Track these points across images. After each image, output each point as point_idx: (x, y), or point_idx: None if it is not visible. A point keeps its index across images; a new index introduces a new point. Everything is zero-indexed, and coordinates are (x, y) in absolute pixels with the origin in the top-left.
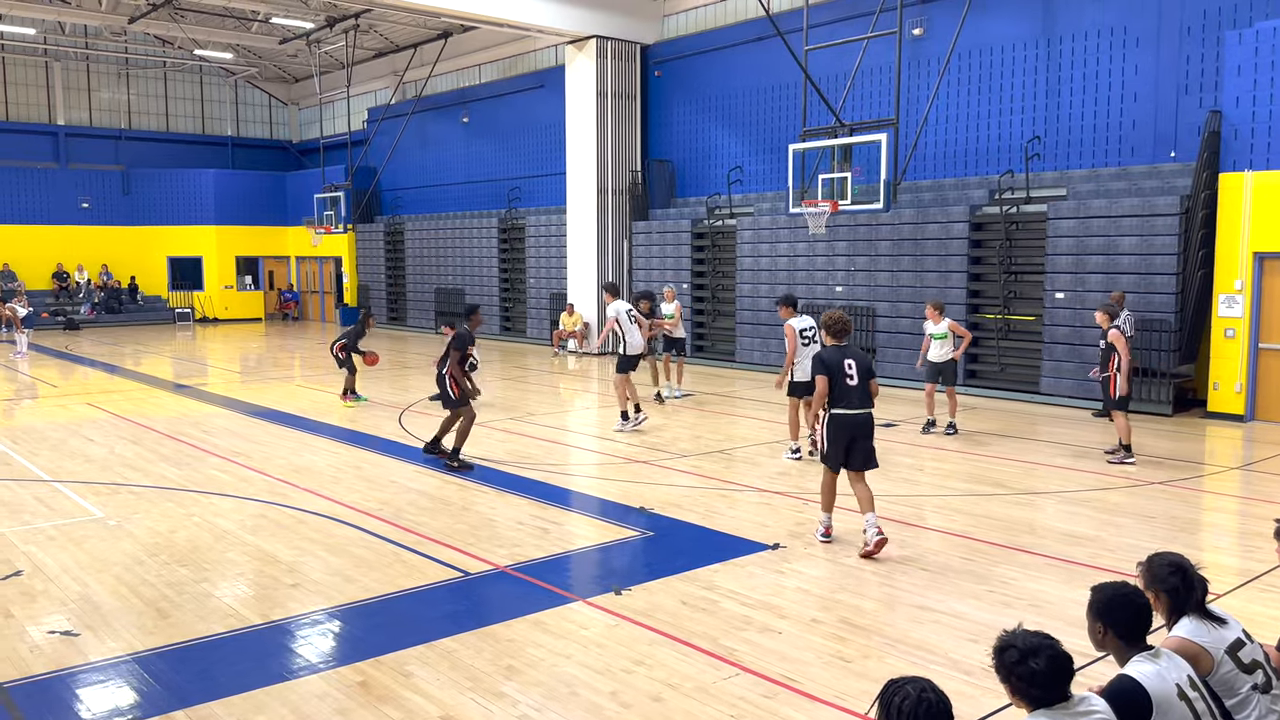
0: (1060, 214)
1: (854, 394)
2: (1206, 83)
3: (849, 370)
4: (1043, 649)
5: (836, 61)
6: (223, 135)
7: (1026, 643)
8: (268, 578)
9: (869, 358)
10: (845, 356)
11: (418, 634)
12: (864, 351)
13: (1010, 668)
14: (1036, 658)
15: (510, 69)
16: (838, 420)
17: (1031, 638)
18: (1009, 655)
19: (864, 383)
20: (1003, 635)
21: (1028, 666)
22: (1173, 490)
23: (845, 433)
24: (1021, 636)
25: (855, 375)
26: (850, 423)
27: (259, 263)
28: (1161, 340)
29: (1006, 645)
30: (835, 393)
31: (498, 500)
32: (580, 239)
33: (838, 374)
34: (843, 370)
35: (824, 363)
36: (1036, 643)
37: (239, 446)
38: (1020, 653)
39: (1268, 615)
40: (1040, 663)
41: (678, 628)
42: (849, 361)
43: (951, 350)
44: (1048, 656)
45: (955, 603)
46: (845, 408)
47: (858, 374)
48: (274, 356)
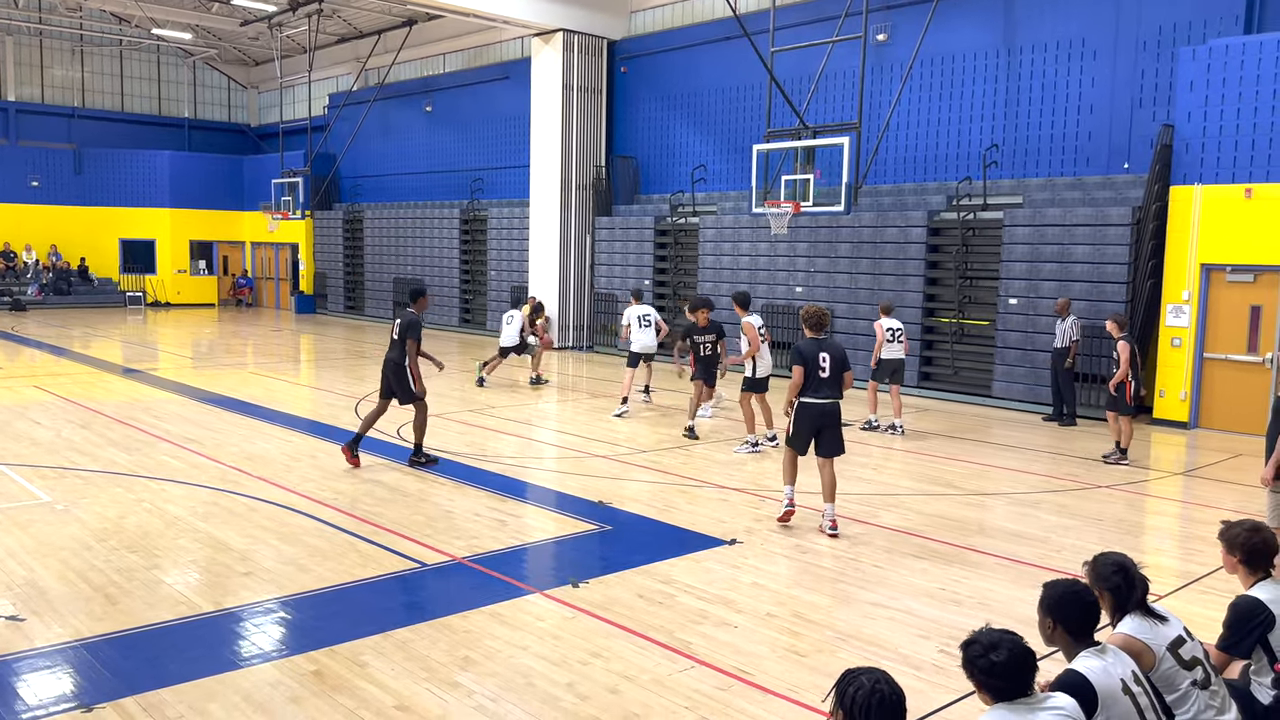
0: (1016, 221)
1: (825, 385)
2: (1160, 97)
3: (822, 363)
4: (1004, 643)
5: (802, 64)
6: (179, 117)
7: (989, 637)
8: (220, 565)
9: (845, 351)
10: (821, 349)
11: (373, 624)
12: (841, 345)
13: (973, 661)
14: (997, 651)
15: (475, 59)
16: (806, 408)
17: (994, 633)
18: (973, 649)
19: (835, 375)
20: (970, 633)
21: (988, 659)
22: (1119, 493)
23: (812, 421)
24: (985, 632)
25: (828, 368)
26: (817, 411)
27: (213, 247)
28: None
29: (971, 640)
30: (807, 382)
31: (455, 492)
32: (543, 233)
33: (812, 365)
34: (817, 362)
35: (800, 353)
36: (998, 637)
37: (190, 433)
38: (983, 647)
39: (1206, 616)
40: (1001, 655)
41: (634, 620)
42: (824, 354)
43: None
44: (1008, 649)
45: (908, 599)
46: (814, 397)
47: (830, 367)
48: (227, 343)
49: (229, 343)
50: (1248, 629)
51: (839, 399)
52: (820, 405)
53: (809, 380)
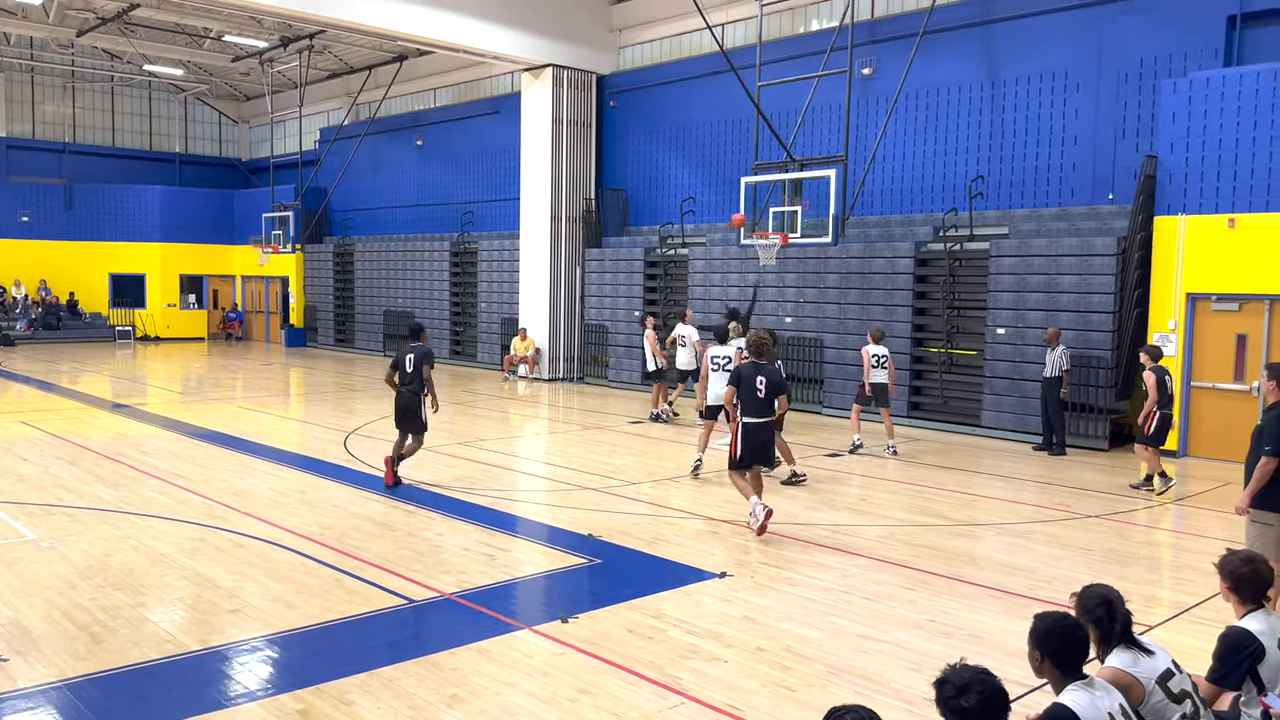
0: (1002, 252)
1: (761, 406)
2: (1143, 128)
3: (759, 385)
4: (974, 685)
5: (788, 98)
6: (170, 151)
7: (961, 679)
8: (206, 603)
9: (783, 377)
10: (759, 373)
11: (359, 662)
12: (779, 371)
13: (945, 701)
14: (968, 694)
15: (466, 94)
16: (747, 428)
17: (966, 673)
18: (945, 690)
19: (770, 397)
20: (945, 669)
21: (958, 703)
22: (1109, 523)
23: (754, 438)
24: (958, 672)
25: (764, 390)
26: (757, 429)
27: (203, 281)
28: (1098, 377)
29: (944, 680)
30: (744, 404)
31: (444, 526)
32: (533, 265)
33: (747, 387)
34: (753, 384)
35: (738, 375)
36: (969, 679)
37: (178, 468)
38: (954, 688)
39: (1196, 647)
40: (971, 700)
41: (624, 656)
42: (761, 378)
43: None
44: (978, 694)
45: (898, 632)
46: (753, 417)
47: (767, 390)
48: (216, 377)
49: (218, 377)
50: (1237, 660)
51: (769, 418)
52: (758, 424)
53: (745, 401)
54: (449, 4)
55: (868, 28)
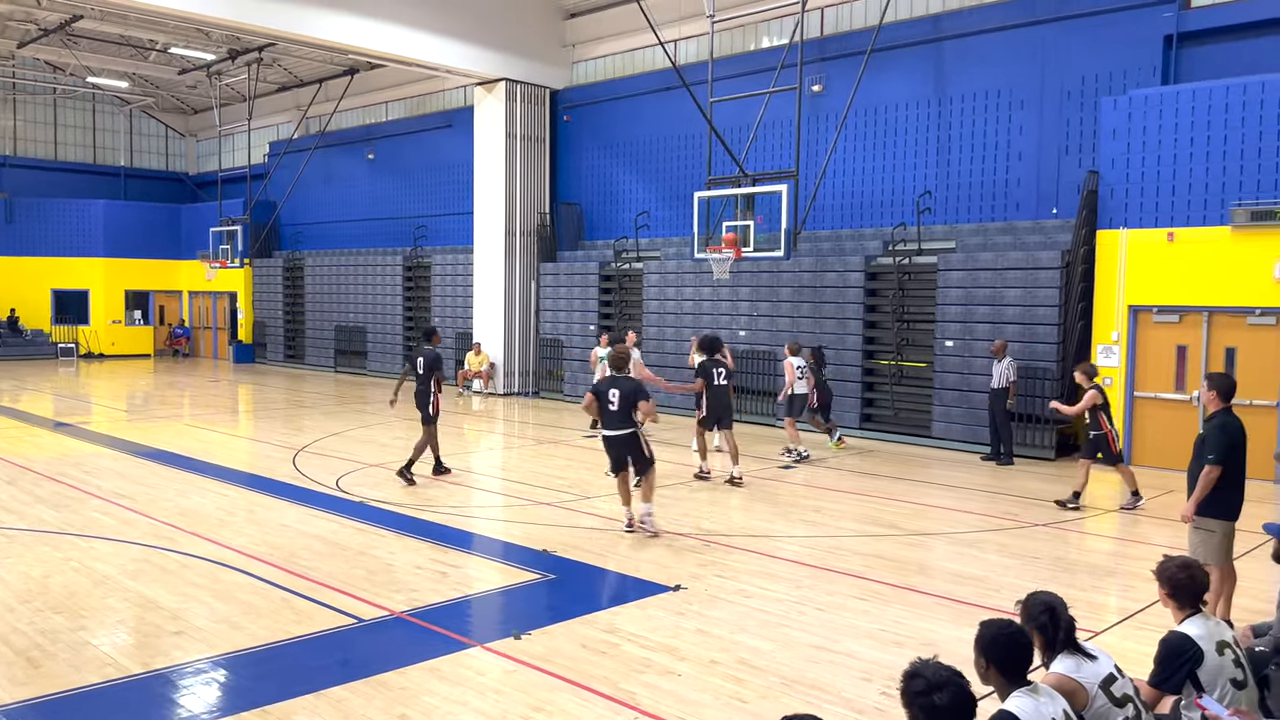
0: (950, 265)
1: (613, 418)
2: (1085, 144)
3: (611, 398)
4: (949, 685)
5: (740, 113)
6: (115, 165)
7: (936, 675)
8: (149, 625)
9: (637, 386)
10: (612, 386)
11: (307, 683)
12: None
13: (914, 696)
14: (941, 692)
15: (418, 108)
16: (605, 438)
17: (942, 671)
18: (915, 684)
19: (624, 408)
20: (914, 662)
21: (930, 699)
22: (1055, 531)
23: (612, 449)
24: (933, 668)
25: (616, 402)
26: (613, 440)
27: (149, 297)
28: (1044, 388)
29: (915, 673)
30: (602, 416)
31: (396, 544)
32: (487, 279)
33: (602, 400)
34: (606, 397)
35: (593, 389)
36: (945, 678)
37: (122, 488)
38: (927, 684)
39: (1140, 651)
40: (944, 698)
41: (577, 672)
42: (614, 391)
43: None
44: (952, 693)
45: (850, 642)
46: (607, 429)
47: (619, 401)
48: (162, 394)
49: (164, 394)
50: (1177, 665)
51: (632, 429)
52: (613, 436)
53: (602, 414)
54: (401, 18)
55: (817, 45)
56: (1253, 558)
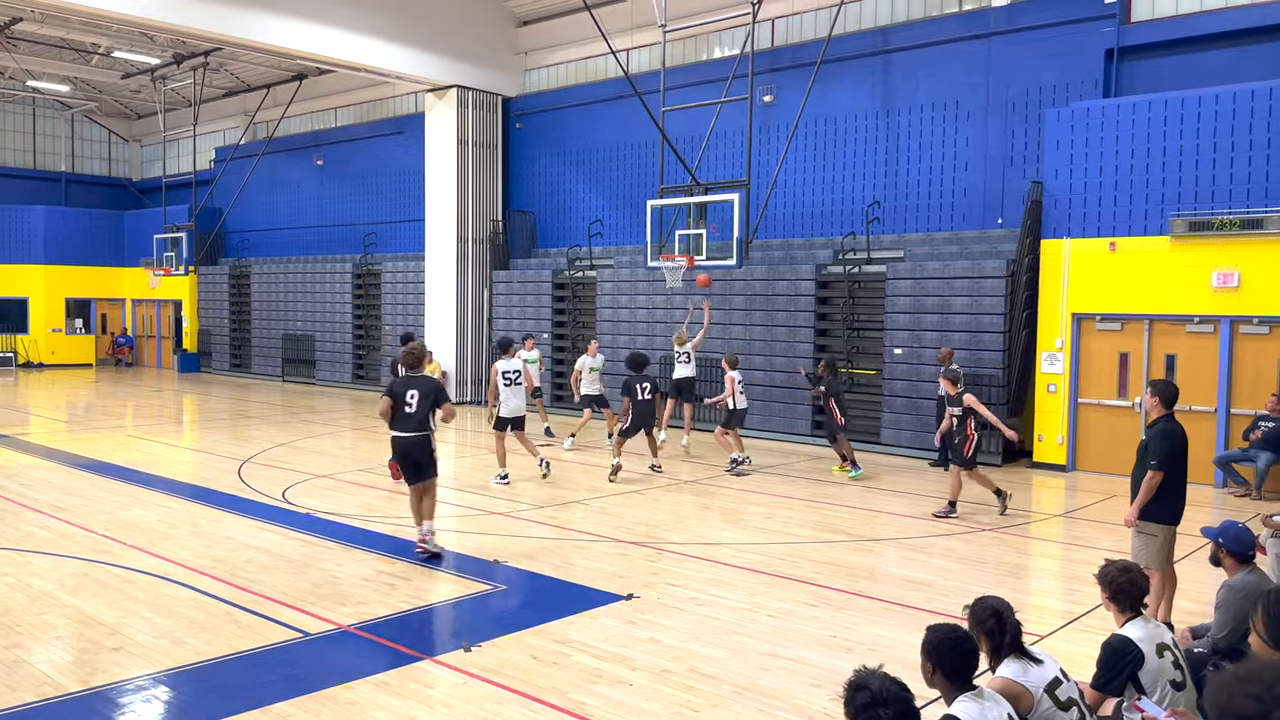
0: (898, 274)
1: (410, 420)
2: (1030, 156)
3: (409, 400)
4: (894, 701)
5: (692, 123)
6: (56, 170)
7: (882, 689)
8: (88, 641)
9: (436, 389)
10: (410, 387)
11: (251, 698)
12: (434, 382)
13: (858, 709)
14: (886, 708)
15: (368, 114)
16: (394, 441)
17: (889, 685)
18: (860, 696)
19: (422, 410)
20: (860, 672)
21: (875, 713)
22: (1002, 536)
23: (400, 452)
24: (879, 680)
25: (415, 404)
26: (404, 443)
27: (91, 305)
28: (991, 394)
29: (861, 685)
30: (395, 417)
31: (343, 556)
32: (439, 287)
33: (399, 401)
34: (404, 399)
35: (389, 390)
36: (893, 692)
37: (61, 501)
38: (872, 696)
39: (1085, 654)
40: (888, 713)
41: (527, 684)
42: (412, 392)
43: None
44: (897, 710)
45: (801, 649)
46: (400, 431)
47: (418, 403)
48: (104, 404)
49: (106, 404)
50: (1119, 667)
51: (426, 432)
52: (405, 438)
53: (397, 415)
54: (350, 23)
55: (768, 56)
56: (1192, 561)
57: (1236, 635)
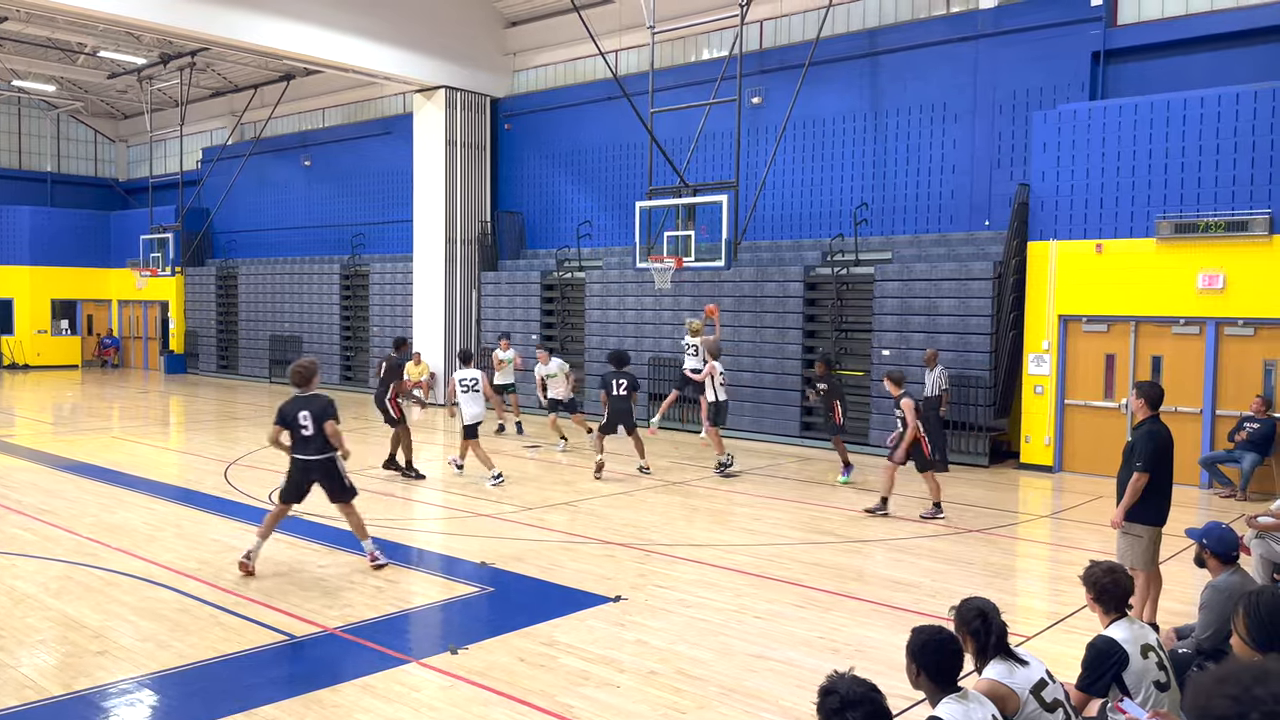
0: (886, 276)
1: (309, 443)
2: (1016, 158)
3: (303, 421)
4: (863, 702)
5: (681, 124)
6: (42, 170)
7: (850, 692)
8: (71, 644)
9: (325, 405)
10: (299, 408)
11: (236, 701)
12: (325, 399)
13: (829, 713)
14: (855, 710)
15: (356, 114)
16: (294, 462)
17: (857, 687)
18: (830, 700)
19: (319, 430)
20: (831, 677)
21: (844, 717)
22: (990, 538)
23: (302, 474)
24: (847, 684)
25: (310, 425)
26: (305, 466)
27: (77, 306)
28: (978, 396)
29: (830, 689)
30: (294, 440)
31: (329, 558)
32: (427, 288)
33: (292, 425)
34: (298, 420)
35: (280, 413)
36: (860, 694)
37: (45, 503)
38: (841, 700)
39: (1071, 655)
40: (857, 716)
41: (514, 686)
42: (304, 413)
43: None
44: (866, 711)
45: (788, 650)
46: (300, 454)
47: (312, 423)
48: (90, 406)
49: (92, 406)
50: (1104, 668)
51: (330, 453)
52: (306, 461)
53: (294, 438)
54: (338, 24)
55: (757, 58)
56: (1177, 561)
57: (1220, 636)
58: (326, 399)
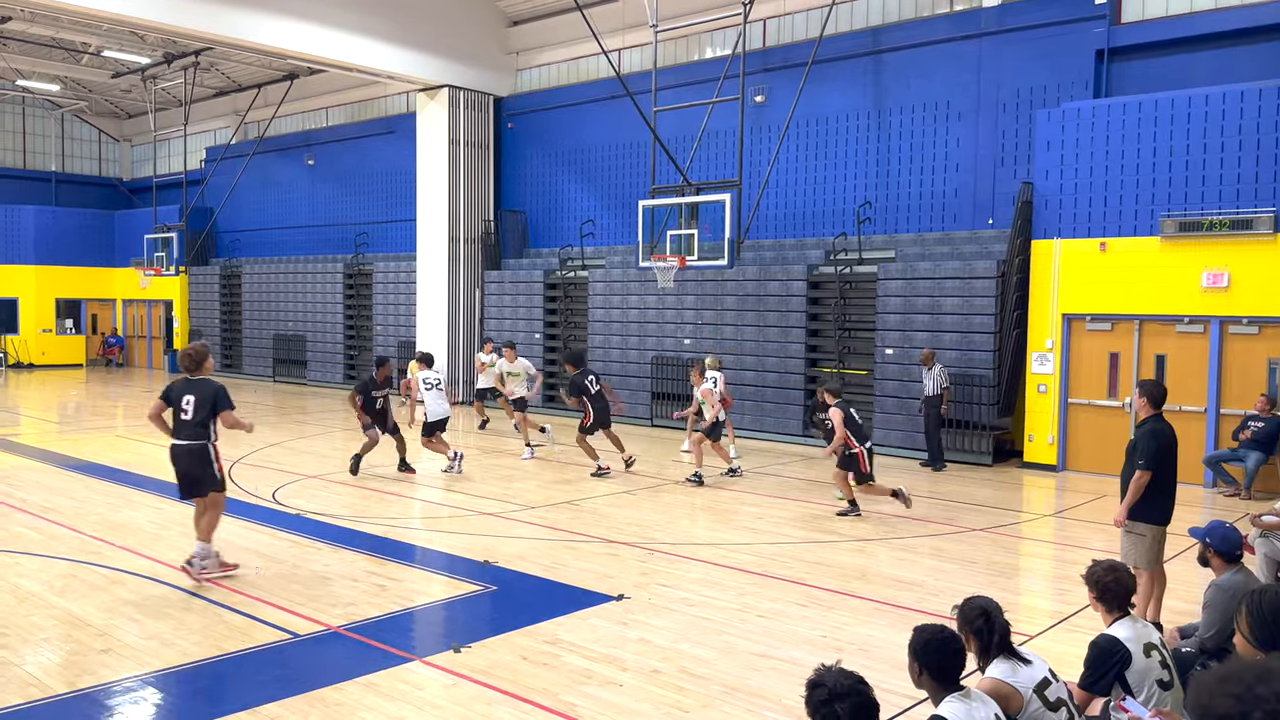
0: (889, 275)
1: (186, 426)
2: (1020, 156)
3: (185, 405)
4: (850, 694)
5: (684, 123)
6: (46, 170)
7: (838, 685)
8: (75, 643)
9: (215, 392)
10: (185, 392)
11: (239, 700)
12: (215, 386)
13: (816, 706)
14: (842, 702)
15: (359, 113)
16: (171, 449)
17: (844, 680)
18: (817, 693)
19: (199, 417)
20: (818, 670)
21: (832, 709)
22: (993, 536)
23: (179, 462)
24: (834, 676)
25: (191, 410)
26: (174, 452)
27: (82, 305)
28: (981, 394)
29: (817, 683)
30: (175, 423)
31: (332, 557)
32: (430, 287)
33: (175, 406)
34: (180, 404)
35: (166, 394)
36: (847, 687)
37: (50, 501)
38: (829, 693)
39: (1075, 654)
40: (845, 708)
41: (517, 685)
42: (188, 397)
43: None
44: (854, 703)
45: (791, 649)
46: (177, 438)
47: (193, 408)
48: (95, 405)
49: (97, 405)
50: (1107, 667)
51: (204, 441)
52: (176, 446)
53: (176, 420)
54: (342, 23)
55: (760, 56)
56: (1181, 560)
57: (1224, 635)
58: (217, 386)
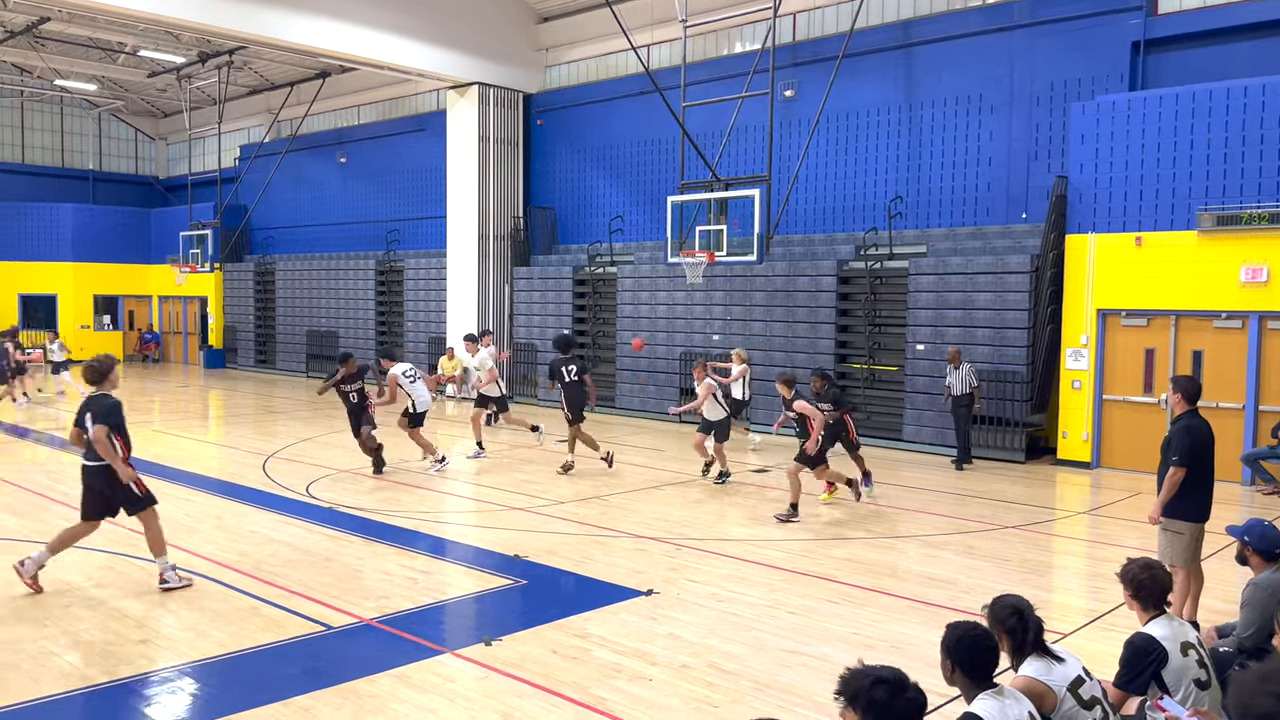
0: (921, 270)
1: (89, 445)
2: (1054, 150)
3: (85, 423)
4: (909, 685)
5: (713, 118)
6: (84, 169)
7: (895, 677)
8: (113, 634)
9: (109, 410)
10: (85, 409)
11: (273, 691)
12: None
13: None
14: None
15: (390, 111)
16: (82, 469)
17: (897, 673)
18: (879, 690)
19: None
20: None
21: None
22: (1026, 534)
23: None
24: (891, 671)
25: (89, 428)
26: (82, 471)
27: (119, 302)
28: (1014, 391)
29: (879, 679)
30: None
31: (365, 550)
32: (460, 283)
33: (79, 424)
34: (83, 421)
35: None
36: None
37: None
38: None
39: (1109, 653)
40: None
41: (548, 678)
42: (87, 414)
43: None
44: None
45: (822, 645)
46: (85, 459)
47: (91, 426)
48: (131, 400)
49: (134, 400)
50: (1142, 666)
51: (95, 461)
52: (86, 466)
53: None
54: (373, 21)
55: (789, 50)
56: (1219, 559)
57: (1263, 634)
58: (111, 401)
